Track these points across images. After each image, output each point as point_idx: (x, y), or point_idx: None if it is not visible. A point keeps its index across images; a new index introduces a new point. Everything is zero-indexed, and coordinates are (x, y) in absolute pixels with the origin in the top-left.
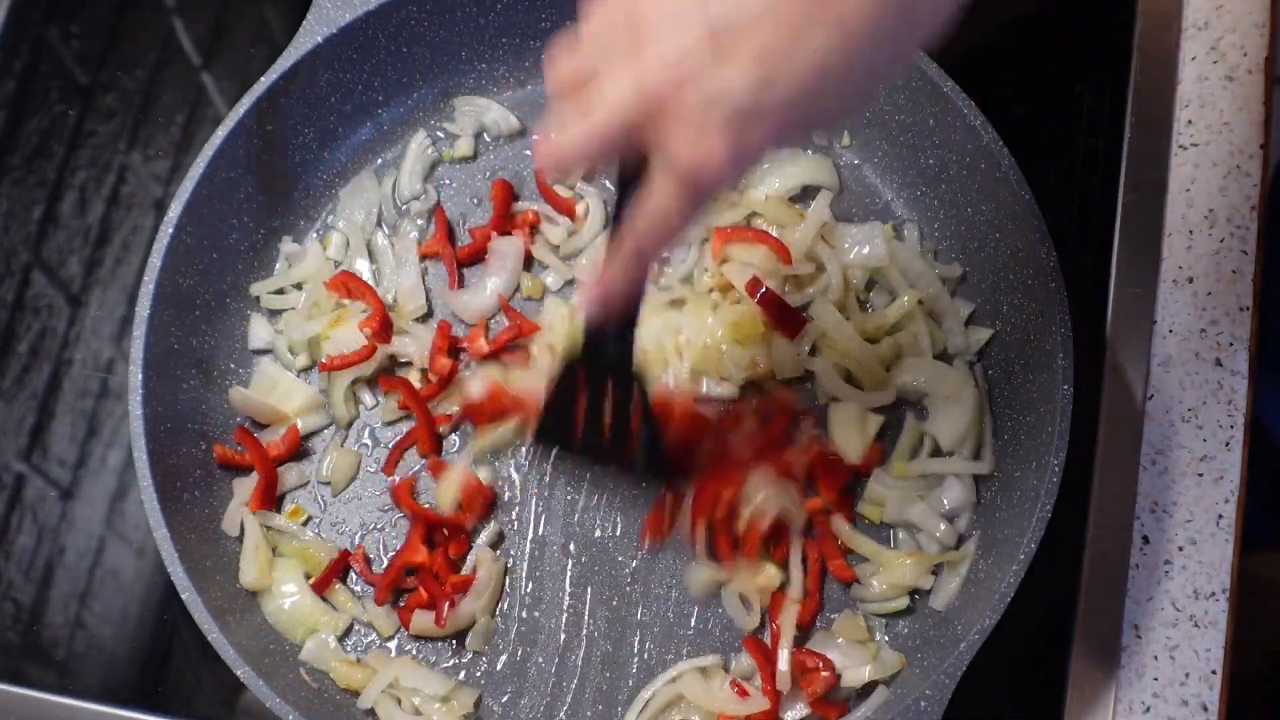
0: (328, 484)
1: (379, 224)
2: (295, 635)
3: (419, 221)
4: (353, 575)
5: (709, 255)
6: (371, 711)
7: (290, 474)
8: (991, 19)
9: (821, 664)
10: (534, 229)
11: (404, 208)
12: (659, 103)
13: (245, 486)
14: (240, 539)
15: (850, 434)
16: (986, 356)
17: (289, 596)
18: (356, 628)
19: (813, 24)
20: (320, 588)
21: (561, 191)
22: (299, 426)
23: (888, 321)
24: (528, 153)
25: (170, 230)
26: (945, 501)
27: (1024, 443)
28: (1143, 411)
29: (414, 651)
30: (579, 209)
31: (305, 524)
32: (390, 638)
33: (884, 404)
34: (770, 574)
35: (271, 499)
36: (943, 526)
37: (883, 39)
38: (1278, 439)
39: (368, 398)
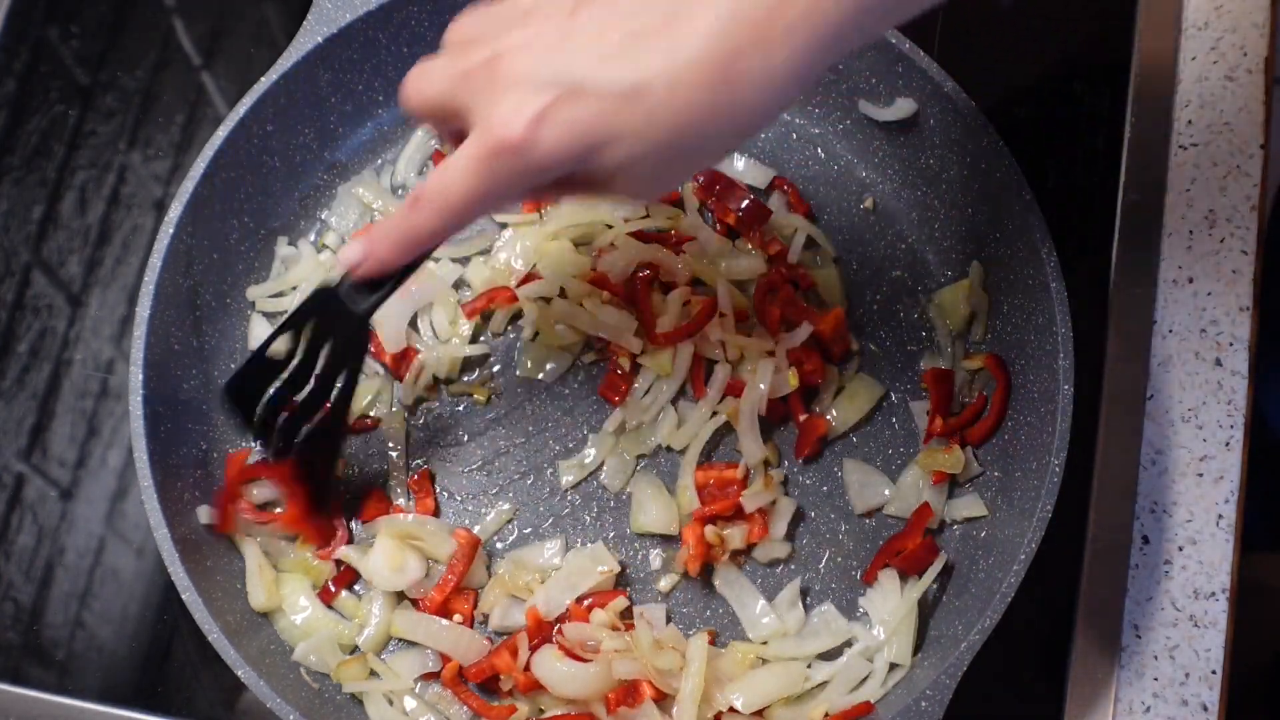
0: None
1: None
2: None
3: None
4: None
5: None
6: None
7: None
8: (991, 20)
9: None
10: None
11: (399, 193)
12: (505, 58)
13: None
14: (211, 529)
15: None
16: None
17: (300, 612)
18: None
19: (669, 25)
20: (328, 597)
21: None
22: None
23: None
24: None
25: (170, 230)
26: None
27: (1024, 443)
28: (1143, 411)
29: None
30: None
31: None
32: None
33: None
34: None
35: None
36: None
37: (708, 90)
38: (1278, 430)
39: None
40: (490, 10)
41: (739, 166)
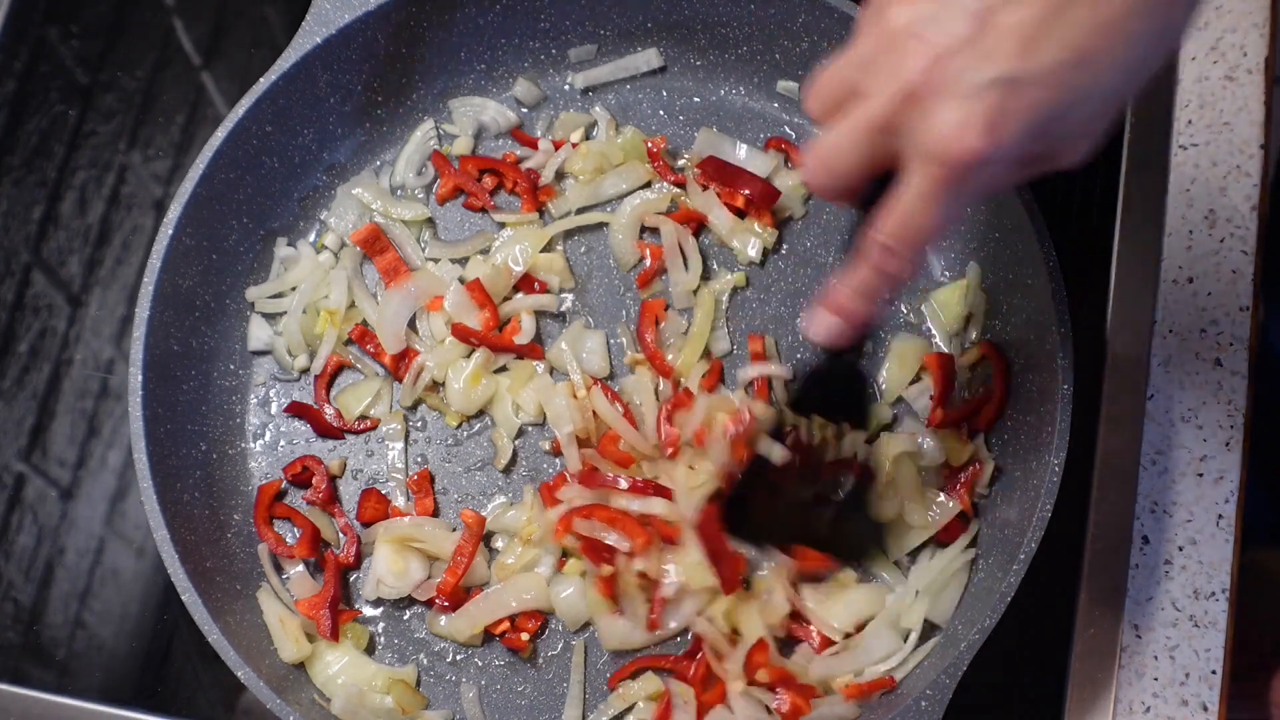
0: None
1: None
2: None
3: (419, 195)
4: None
5: None
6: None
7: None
8: None
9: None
10: (517, 163)
11: (398, 193)
12: (918, 85)
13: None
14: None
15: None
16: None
17: (337, 662)
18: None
19: (1071, 2)
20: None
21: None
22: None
23: None
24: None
25: (170, 231)
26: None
27: (1024, 442)
28: (1143, 411)
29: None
30: (575, 137)
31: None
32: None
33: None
34: None
35: (316, 548)
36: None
37: (1141, 19)
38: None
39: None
40: (851, 56)
41: (740, 155)
